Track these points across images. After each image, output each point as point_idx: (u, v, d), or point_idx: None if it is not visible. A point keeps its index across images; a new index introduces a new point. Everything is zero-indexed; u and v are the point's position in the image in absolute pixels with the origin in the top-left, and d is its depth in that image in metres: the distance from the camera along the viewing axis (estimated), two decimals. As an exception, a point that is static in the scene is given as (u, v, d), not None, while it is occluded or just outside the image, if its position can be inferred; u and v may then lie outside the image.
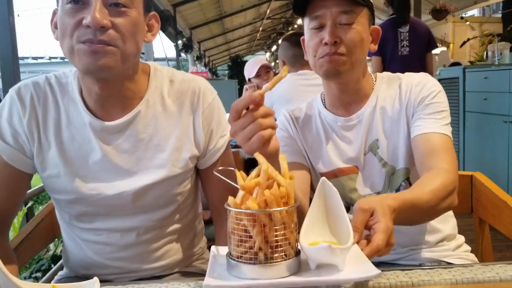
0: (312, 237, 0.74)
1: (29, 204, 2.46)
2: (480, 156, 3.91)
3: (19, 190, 1.01)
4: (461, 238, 1.17)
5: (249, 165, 3.04)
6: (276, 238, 0.67)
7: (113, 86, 0.95)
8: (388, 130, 1.10)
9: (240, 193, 0.70)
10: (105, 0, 0.86)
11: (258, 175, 0.71)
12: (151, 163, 0.99)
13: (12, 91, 0.99)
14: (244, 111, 0.81)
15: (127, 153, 0.98)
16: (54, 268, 2.01)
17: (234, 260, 0.69)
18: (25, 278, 2.26)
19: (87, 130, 0.97)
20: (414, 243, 1.09)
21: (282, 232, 0.67)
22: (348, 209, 1.13)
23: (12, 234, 2.38)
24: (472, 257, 1.14)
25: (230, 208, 0.69)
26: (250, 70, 3.34)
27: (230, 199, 0.69)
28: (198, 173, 1.10)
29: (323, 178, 0.80)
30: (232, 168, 0.80)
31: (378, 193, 1.11)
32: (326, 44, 1.03)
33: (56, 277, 1.15)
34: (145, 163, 0.99)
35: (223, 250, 0.77)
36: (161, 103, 1.01)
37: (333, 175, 1.13)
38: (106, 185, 0.97)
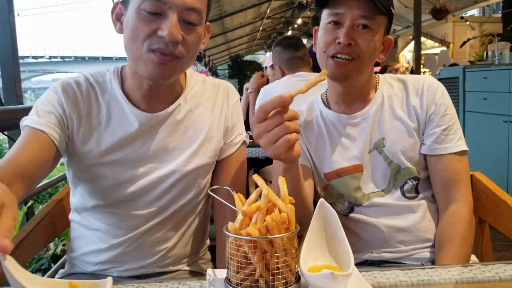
0: (311, 261, 0.73)
1: (29, 204, 2.46)
2: (480, 156, 3.91)
3: (50, 162, 0.98)
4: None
5: (250, 165, 3.03)
6: (277, 265, 0.65)
7: (165, 85, 1.03)
8: (396, 130, 1.10)
9: (239, 217, 0.68)
10: (180, 16, 0.92)
11: (257, 198, 0.70)
12: (185, 152, 1.05)
13: (55, 84, 1.04)
14: (270, 113, 0.80)
15: (164, 142, 1.04)
16: (54, 267, 2.01)
17: (233, 287, 0.67)
18: (25, 278, 2.26)
19: (129, 122, 1.02)
20: (416, 242, 1.09)
21: (283, 258, 0.66)
22: (352, 209, 1.13)
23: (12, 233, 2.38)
24: (473, 257, 1.14)
25: (230, 234, 0.67)
26: (270, 60, 3.36)
27: (230, 224, 0.68)
28: None
29: (322, 199, 0.78)
30: (228, 188, 0.80)
31: (383, 191, 1.11)
32: (339, 43, 1.04)
33: (57, 276, 1.16)
34: (180, 152, 1.05)
35: (220, 273, 0.76)
36: (197, 99, 1.10)
37: (337, 174, 1.13)
38: (143, 171, 1.02)
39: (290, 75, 2.50)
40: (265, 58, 3.51)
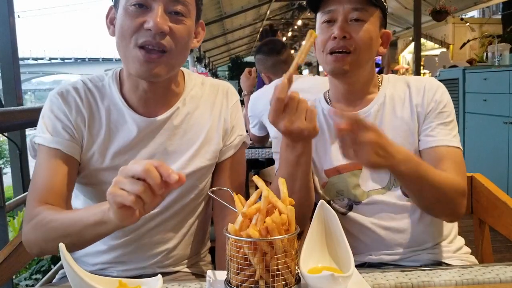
0: (311, 262, 0.73)
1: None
2: (480, 157, 3.91)
3: (73, 174, 1.03)
4: (461, 240, 1.17)
5: (250, 166, 3.03)
6: (277, 267, 0.65)
7: (160, 86, 1.03)
8: (397, 129, 1.11)
9: (239, 218, 0.68)
10: (166, 7, 0.94)
11: (257, 199, 0.70)
12: (184, 155, 1.06)
13: (54, 93, 1.04)
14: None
15: (163, 146, 1.05)
16: (54, 268, 2.01)
17: None
18: (25, 279, 2.26)
19: (128, 127, 1.03)
20: (415, 244, 1.09)
21: (283, 260, 0.66)
22: (351, 207, 1.13)
23: (12, 234, 2.38)
24: (472, 259, 1.14)
25: (230, 236, 0.67)
26: None
27: (230, 225, 0.68)
28: None
29: (322, 201, 0.78)
30: (227, 189, 0.81)
31: (383, 188, 1.11)
32: (335, 38, 1.05)
33: (57, 276, 1.16)
34: (179, 155, 1.06)
35: (220, 275, 0.76)
36: (196, 101, 1.10)
37: (337, 171, 1.13)
38: None
39: (278, 79, 2.47)
40: None
